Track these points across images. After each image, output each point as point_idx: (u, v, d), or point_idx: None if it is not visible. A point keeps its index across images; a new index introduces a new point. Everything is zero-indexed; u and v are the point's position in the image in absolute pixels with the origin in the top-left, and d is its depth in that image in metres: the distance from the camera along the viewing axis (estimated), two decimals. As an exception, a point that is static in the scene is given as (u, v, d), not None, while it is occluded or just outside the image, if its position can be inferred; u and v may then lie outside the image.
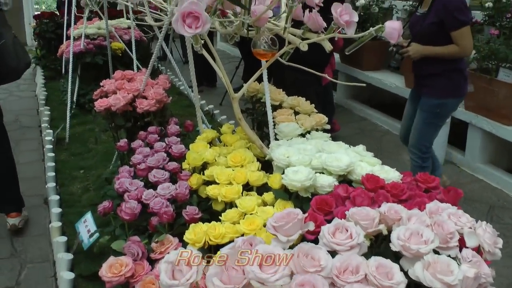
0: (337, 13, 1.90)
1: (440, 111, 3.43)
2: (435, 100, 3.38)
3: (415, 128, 3.53)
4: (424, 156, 3.54)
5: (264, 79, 2.55)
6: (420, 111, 3.47)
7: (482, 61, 4.18)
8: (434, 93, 3.37)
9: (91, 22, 6.18)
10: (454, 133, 4.63)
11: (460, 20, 3.15)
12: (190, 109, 5.39)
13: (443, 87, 3.35)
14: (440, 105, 3.39)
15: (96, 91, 3.32)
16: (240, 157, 2.25)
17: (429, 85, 3.38)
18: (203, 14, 1.74)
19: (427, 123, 3.47)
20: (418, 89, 3.51)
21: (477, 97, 4.26)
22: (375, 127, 5.53)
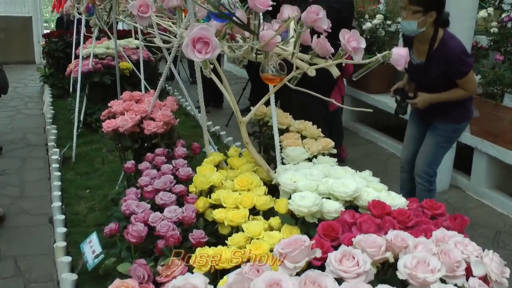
0: (345, 40, 1.92)
1: (455, 135, 3.51)
2: (453, 125, 3.41)
3: (426, 152, 3.50)
4: (431, 179, 3.53)
5: (272, 103, 2.57)
6: (433, 136, 3.45)
7: (487, 86, 4.19)
8: (451, 119, 3.38)
9: (99, 41, 6.24)
10: (459, 157, 4.62)
11: (464, 71, 3.17)
12: (196, 129, 5.41)
13: (459, 113, 3.39)
14: (457, 129, 3.45)
15: (104, 112, 3.34)
16: (247, 181, 2.26)
17: (445, 113, 3.37)
18: (213, 39, 1.77)
19: (441, 147, 3.47)
20: (429, 115, 3.47)
21: (483, 122, 4.26)
22: (381, 150, 5.53)
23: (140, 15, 2.39)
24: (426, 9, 3.10)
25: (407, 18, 3.16)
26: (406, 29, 3.21)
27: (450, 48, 3.16)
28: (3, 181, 4.59)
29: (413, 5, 3.12)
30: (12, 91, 7.74)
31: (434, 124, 3.45)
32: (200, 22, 2.20)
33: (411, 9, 3.13)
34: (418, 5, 3.11)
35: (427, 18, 3.12)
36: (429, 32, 3.19)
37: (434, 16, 3.13)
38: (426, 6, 3.10)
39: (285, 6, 2.16)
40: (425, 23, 3.14)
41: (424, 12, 3.10)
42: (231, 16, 1.93)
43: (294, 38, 2.09)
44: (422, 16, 3.11)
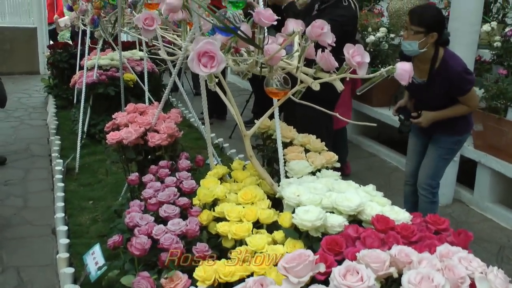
0: (349, 54, 1.93)
1: (457, 147, 3.54)
2: (455, 137, 3.44)
3: (428, 165, 3.52)
4: (434, 191, 3.55)
5: (276, 117, 2.58)
6: (436, 148, 3.48)
7: (491, 100, 4.19)
8: (453, 131, 3.41)
9: (104, 53, 6.27)
10: (463, 171, 4.61)
11: (466, 89, 3.20)
12: (199, 141, 5.42)
13: (460, 125, 3.41)
14: (459, 141, 3.48)
15: (108, 124, 3.36)
16: (251, 194, 2.27)
17: (446, 125, 3.38)
18: (218, 53, 1.78)
19: (444, 159, 3.50)
20: (432, 128, 3.45)
21: (486, 136, 4.26)
22: (384, 163, 5.53)
23: (146, 28, 2.40)
24: (427, 30, 3.12)
25: (408, 38, 3.18)
26: (407, 49, 3.22)
27: (451, 67, 3.18)
28: (7, 191, 4.60)
29: (414, 26, 3.14)
30: (17, 101, 7.80)
31: (436, 137, 3.47)
32: (205, 36, 2.22)
33: (412, 30, 3.15)
34: (419, 26, 3.13)
35: (428, 39, 3.14)
36: (430, 52, 3.21)
37: (436, 37, 3.15)
38: (427, 27, 3.12)
39: (289, 20, 2.18)
40: (426, 44, 3.15)
41: (426, 33, 3.12)
42: (236, 30, 1.94)
43: (299, 52, 2.10)
44: (424, 37, 3.12)
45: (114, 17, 4.66)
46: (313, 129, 3.09)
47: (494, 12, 5.77)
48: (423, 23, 3.12)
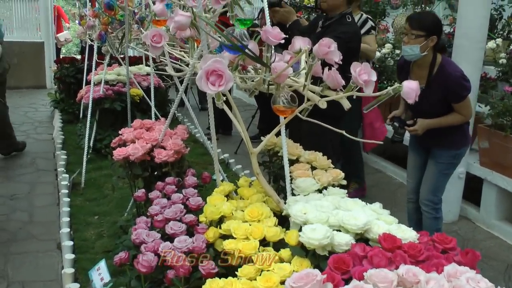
0: (356, 72, 1.94)
1: (456, 161, 3.50)
2: (453, 151, 3.43)
3: (429, 180, 3.52)
4: (437, 206, 3.54)
5: (282, 134, 2.58)
6: (435, 163, 3.47)
7: (497, 117, 4.19)
8: (452, 145, 3.42)
9: (111, 68, 6.31)
10: (468, 188, 4.60)
11: (462, 95, 3.24)
12: (205, 157, 5.42)
13: (458, 139, 3.42)
14: (458, 155, 3.47)
15: (114, 139, 3.37)
16: (257, 212, 2.27)
17: (447, 139, 3.39)
18: (226, 72, 1.79)
19: (444, 174, 3.49)
20: (429, 142, 3.49)
21: (492, 153, 4.25)
22: (390, 179, 5.51)
23: (153, 45, 2.41)
24: (428, 33, 3.18)
25: (409, 43, 3.23)
26: (408, 53, 3.26)
27: (449, 73, 3.24)
28: (13, 205, 4.61)
29: (415, 30, 3.20)
30: (23, 115, 7.84)
31: (434, 151, 3.48)
32: (213, 53, 2.23)
33: (413, 34, 3.20)
34: (420, 30, 3.19)
35: (428, 43, 3.20)
36: (429, 57, 3.27)
37: (435, 41, 3.21)
38: (428, 31, 3.18)
39: (296, 38, 2.19)
40: (427, 47, 3.21)
41: (426, 37, 3.18)
42: (244, 48, 1.96)
43: (305, 70, 2.11)
44: (424, 40, 3.18)
45: (121, 33, 4.69)
46: (319, 145, 3.10)
47: (499, 28, 5.80)
48: (423, 27, 3.19)
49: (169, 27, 2.45)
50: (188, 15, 2.18)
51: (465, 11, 4.14)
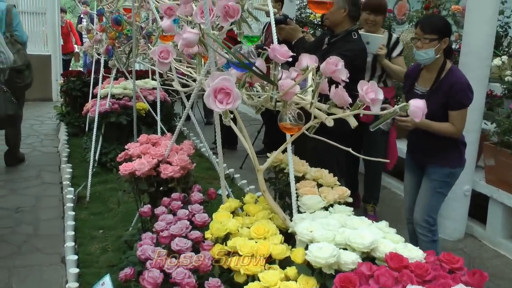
0: (363, 91, 1.95)
1: (450, 180, 3.43)
2: (447, 169, 3.37)
3: (422, 200, 3.45)
4: (433, 228, 3.45)
5: (288, 151, 2.58)
6: (429, 181, 3.42)
7: (503, 135, 4.19)
8: (445, 162, 3.36)
9: (117, 81, 6.34)
10: (474, 205, 4.58)
11: (462, 103, 3.22)
12: (210, 171, 5.42)
13: (453, 157, 3.38)
14: (452, 174, 3.40)
15: (120, 154, 3.38)
16: (263, 229, 2.26)
17: (439, 156, 3.36)
18: (234, 90, 1.80)
19: (437, 193, 3.41)
20: (423, 160, 3.46)
21: (498, 171, 4.24)
22: (395, 196, 5.50)
23: (161, 60, 2.43)
24: (440, 36, 3.20)
25: (423, 48, 3.23)
26: (423, 58, 3.25)
27: (457, 77, 3.24)
28: (18, 218, 4.61)
29: (428, 34, 3.20)
30: (29, 128, 7.86)
31: (428, 169, 3.43)
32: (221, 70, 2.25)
33: (426, 38, 3.20)
34: (433, 33, 3.20)
35: (442, 45, 3.21)
36: (440, 60, 3.27)
37: (447, 43, 3.23)
38: (440, 33, 3.20)
39: (303, 55, 2.20)
40: (440, 50, 3.23)
41: (439, 39, 3.20)
42: (251, 66, 1.96)
43: (312, 88, 2.12)
44: (438, 43, 3.20)
45: (128, 48, 4.73)
46: (324, 162, 3.10)
47: (505, 46, 5.80)
48: (435, 30, 3.20)
49: (176, 43, 2.46)
50: (196, 32, 2.19)
51: (471, 29, 4.16)
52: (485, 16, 4.13)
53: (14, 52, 5.24)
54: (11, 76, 5.23)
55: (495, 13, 4.22)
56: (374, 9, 4.41)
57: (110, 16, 4.49)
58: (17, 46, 5.51)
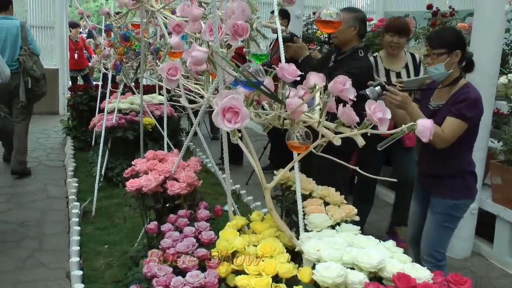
0: (371, 110, 1.95)
1: (456, 213, 3.18)
2: (450, 201, 3.14)
3: (428, 233, 3.25)
4: (440, 264, 3.21)
5: (295, 169, 2.58)
6: (433, 214, 3.22)
7: (509, 153, 4.18)
8: (448, 193, 3.14)
9: (124, 96, 6.37)
10: (481, 223, 4.55)
11: (462, 113, 2.96)
12: (216, 187, 5.42)
13: (457, 188, 3.15)
14: (455, 206, 3.15)
15: (127, 170, 3.38)
16: (270, 247, 2.25)
17: (442, 185, 3.16)
18: (242, 109, 1.81)
19: (442, 227, 3.19)
20: (428, 189, 3.28)
21: (505, 189, 4.22)
22: (400, 213, 5.46)
23: (169, 77, 2.43)
24: (450, 49, 3.01)
25: (433, 63, 3.05)
26: (435, 74, 3.07)
27: (468, 92, 3.02)
28: (23, 232, 4.62)
29: (436, 49, 3.03)
30: (35, 141, 7.90)
31: (432, 200, 3.23)
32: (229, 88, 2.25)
33: (435, 54, 3.03)
34: (441, 47, 3.02)
35: (452, 59, 3.02)
36: (454, 75, 3.07)
37: (460, 55, 3.03)
38: (448, 47, 3.02)
39: (311, 73, 2.21)
40: (452, 64, 3.03)
41: (449, 53, 3.01)
42: (259, 85, 1.97)
43: (320, 106, 2.12)
44: (448, 57, 3.01)
45: (136, 63, 4.75)
46: (330, 180, 3.09)
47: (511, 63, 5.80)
48: (443, 43, 3.02)
49: (184, 60, 2.47)
50: (205, 51, 2.20)
51: (477, 47, 4.16)
52: (492, 34, 4.14)
53: (32, 63, 5.96)
54: (32, 84, 5.96)
55: (501, 32, 4.23)
56: (398, 30, 4.25)
57: (118, 32, 4.52)
58: (34, 58, 6.07)
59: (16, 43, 5.97)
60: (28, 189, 5.80)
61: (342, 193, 2.89)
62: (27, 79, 5.92)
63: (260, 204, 4.89)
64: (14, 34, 5.97)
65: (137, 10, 3.78)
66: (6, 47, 5.90)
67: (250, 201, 5.16)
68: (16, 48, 5.95)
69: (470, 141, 3.15)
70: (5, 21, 6.00)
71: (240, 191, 5.50)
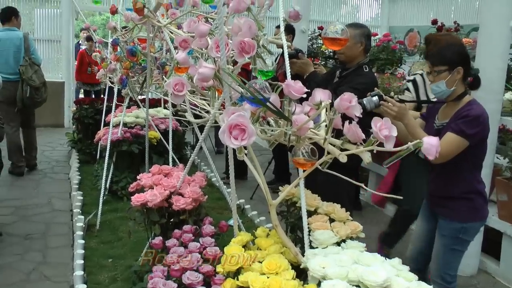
0: (377, 128, 1.95)
1: (464, 237, 3.04)
2: (457, 223, 3.02)
3: (437, 256, 3.14)
4: (450, 286, 3.10)
5: (301, 186, 2.58)
6: (439, 236, 3.10)
7: (516, 170, 4.18)
8: (455, 216, 3.02)
9: (129, 110, 6.39)
10: (487, 240, 4.52)
11: (460, 129, 2.85)
12: (220, 202, 5.41)
13: (464, 210, 3.01)
14: (463, 229, 3.02)
15: (132, 184, 3.39)
16: (275, 264, 2.25)
17: (449, 207, 3.05)
18: (249, 126, 1.81)
19: (451, 250, 3.07)
20: (435, 209, 3.18)
21: (511, 206, 4.20)
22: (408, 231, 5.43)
23: (176, 93, 2.44)
24: (451, 66, 2.89)
25: (435, 81, 2.94)
26: (437, 92, 2.97)
27: (469, 109, 2.90)
28: (27, 245, 4.62)
29: (436, 66, 2.93)
30: (40, 154, 7.92)
31: (439, 221, 3.12)
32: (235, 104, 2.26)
33: (435, 71, 2.93)
34: (441, 65, 2.91)
35: (454, 76, 2.90)
36: (458, 92, 2.95)
37: (462, 72, 2.90)
38: (449, 63, 2.90)
39: (317, 90, 2.21)
40: (454, 81, 2.91)
41: (450, 70, 2.89)
42: (265, 102, 1.98)
43: (326, 123, 2.12)
44: (449, 74, 2.89)
45: (142, 77, 4.77)
46: (335, 195, 3.09)
47: (516, 79, 5.81)
48: (443, 61, 2.91)
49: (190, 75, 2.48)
50: (212, 67, 2.21)
51: (483, 63, 4.16)
52: (497, 50, 4.15)
53: (32, 73, 6.54)
54: (31, 93, 6.51)
55: (507, 47, 4.23)
56: None
57: (124, 46, 4.55)
58: (35, 67, 6.64)
59: (19, 54, 6.52)
60: (32, 202, 5.81)
61: (347, 208, 2.88)
62: (27, 88, 6.49)
63: (264, 219, 4.88)
64: (17, 45, 6.52)
65: (143, 25, 3.80)
66: (10, 57, 6.47)
67: (254, 216, 5.16)
68: (19, 58, 6.52)
69: (476, 161, 3.04)
70: (8, 33, 6.58)
71: (245, 205, 5.49)
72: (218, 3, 2.26)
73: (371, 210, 5.97)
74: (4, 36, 6.51)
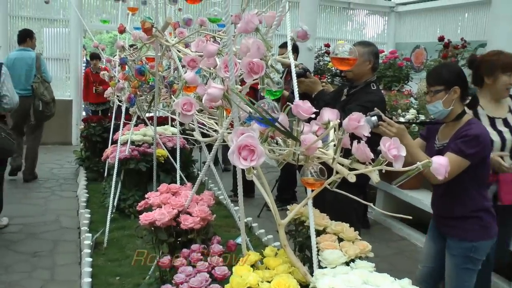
0: (386, 147, 1.95)
1: (475, 255, 2.99)
2: (467, 243, 2.99)
3: (450, 276, 3.09)
4: None
5: (309, 206, 2.58)
6: (450, 256, 3.07)
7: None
8: (463, 235, 3.00)
9: (137, 128, 6.42)
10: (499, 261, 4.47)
11: (459, 148, 2.84)
12: (228, 219, 5.40)
13: (474, 229, 2.98)
14: (474, 248, 2.98)
15: (140, 203, 3.39)
16: (284, 284, 2.23)
17: (457, 227, 3.02)
18: (258, 147, 1.82)
19: (463, 269, 3.03)
20: (443, 229, 3.15)
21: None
22: (415, 247, 5.40)
23: (184, 113, 2.45)
24: (447, 86, 2.91)
25: (431, 101, 2.96)
26: (434, 112, 2.97)
27: (471, 127, 2.90)
28: (35, 263, 4.63)
29: (433, 86, 2.95)
30: (48, 172, 7.97)
31: (448, 241, 3.09)
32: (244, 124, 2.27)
33: (432, 91, 2.95)
34: (438, 85, 2.93)
35: (451, 95, 2.91)
36: (456, 112, 2.96)
37: (459, 92, 2.91)
38: (446, 83, 2.91)
39: (325, 109, 2.22)
40: (451, 101, 2.92)
41: (446, 90, 2.90)
42: (274, 122, 1.98)
43: (334, 142, 2.13)
44: (445, 94, 2.90)
45: (150, 96, 4.80)
46: (343, 214, 3.08)
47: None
48: (439, 81, 2.93)
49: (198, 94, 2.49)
50: (221, 88, 2.22)
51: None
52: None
53: (44, 89, 7.22)
54: (43, 107, 7.19)
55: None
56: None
57: (133, 65, 4.58)
58: (45, 84, 7.30)
59: (31, 72, 7.17)
60: (40, 219, 5.82)
61: (355, 227, 2.88)
62: (39, 102, 7.16)
63: (272, 238, 4.86)
64: (29, 64, 7.17)
65: (151, 44, 3.84)
66: (22, 75, 7.08)
67: (262, 234, 5.14)
68: (30, 76, 7.16)
69: (481, 178, 3.00)
70: (22, 53, 7.24)
71: (252, 223, 5.47)
72: (226, 22, 2.28)
73: (379, 228, 5.95)
74: (19, 56, 7.17)
